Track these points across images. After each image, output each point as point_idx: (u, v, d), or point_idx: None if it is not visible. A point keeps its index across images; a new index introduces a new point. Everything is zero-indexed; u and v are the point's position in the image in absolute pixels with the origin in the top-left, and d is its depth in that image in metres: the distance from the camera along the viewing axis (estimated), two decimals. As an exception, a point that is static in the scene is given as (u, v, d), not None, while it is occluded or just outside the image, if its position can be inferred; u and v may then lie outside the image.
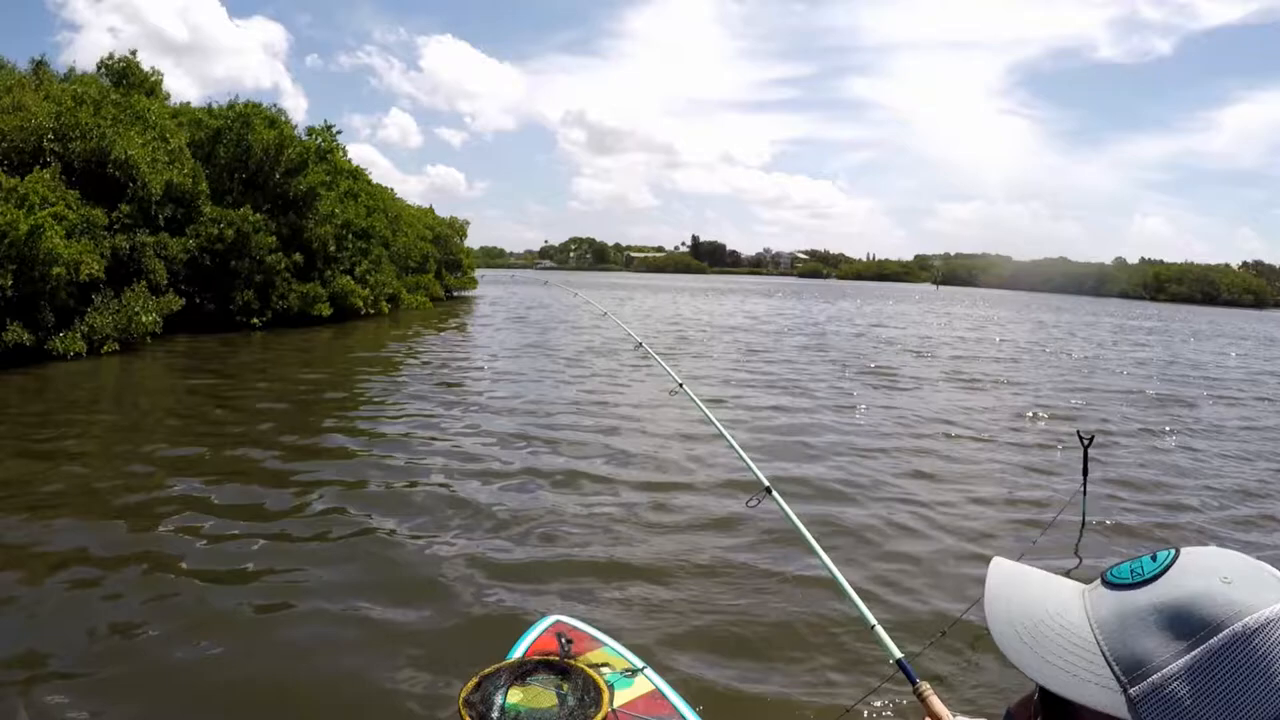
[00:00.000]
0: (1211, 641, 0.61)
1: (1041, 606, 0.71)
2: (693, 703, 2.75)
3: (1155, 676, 0.62)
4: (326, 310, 24.06)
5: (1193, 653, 0.61)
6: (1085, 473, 6.55)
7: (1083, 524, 6.62)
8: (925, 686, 1.73)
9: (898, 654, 2.09)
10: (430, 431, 9.68)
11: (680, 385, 4.94)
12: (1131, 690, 0.62)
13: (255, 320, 21.71)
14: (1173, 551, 0.69)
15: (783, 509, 2.96)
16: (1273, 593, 0.63)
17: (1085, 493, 6.67)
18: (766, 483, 3.13)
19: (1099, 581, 0.72)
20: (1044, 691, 0.70)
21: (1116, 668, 0.64)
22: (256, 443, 8.83)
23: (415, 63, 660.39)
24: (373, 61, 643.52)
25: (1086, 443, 6.39)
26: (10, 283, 13.62)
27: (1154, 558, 0.69)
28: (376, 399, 12.00)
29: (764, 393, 13.32)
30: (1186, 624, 0.62)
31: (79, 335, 14.99)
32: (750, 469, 3.29)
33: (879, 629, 2.25)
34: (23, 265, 13.89)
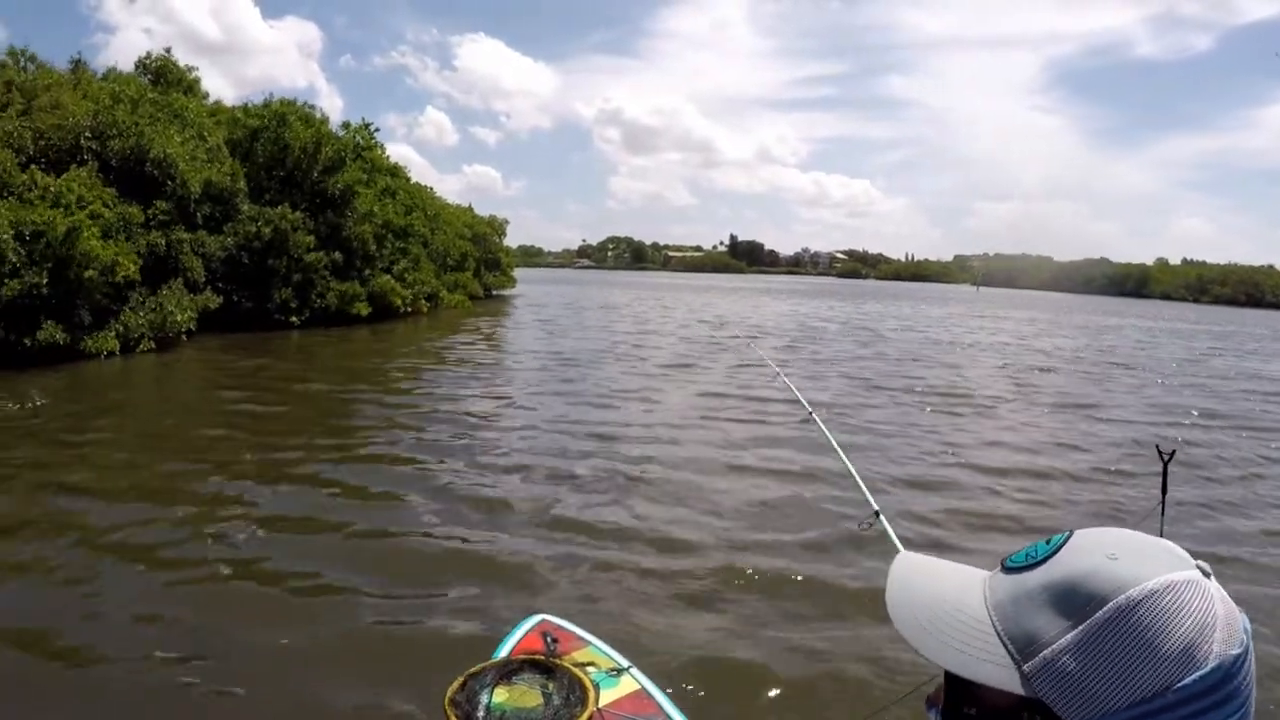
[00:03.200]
0: (1097, 615, 0.63)
1: (941, 594, 0.72)
2: (678, 702, 2.70)
3: (1046, 652, 0.64)
4: (365, 309, 23.81)
5: (1080, 627, 0.63)
6: (1164, 491, 6.10)
7: None
8: None
9: None
10: (441, 429, 9.49)
11: (810, 414, 4.39)
12: (1025, 666, 0.64)
13: (293, 319, 21.49)
14: (1068, 533, 0.71)
15: (890, 534, 2.99)
16: (1157, 566, 0.65)
17: (1164, 514, 6.13)
18: (876, 506, 3.16)
19: (999, 567, 0.73)
20: (949, 675, 0.71)
21: (1010, 646, 0.65)
22: (263, 449, 8.60)
23: (450, 62, 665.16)
24: (407, 61, 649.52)
25: (1166, 458, 5.95)
26: (45, 281, 13.44)
27: (1048, 540, 0.71)
28: (401, 403, 11.52)
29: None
30: (1073, 600, 0.64)
31: (113, 334, 14.79)
32: (865, 495, 3.30)
33: None
34: (59, 265, 13.70)
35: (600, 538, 6.05)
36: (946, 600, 0.71)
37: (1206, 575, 0.66)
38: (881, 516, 3.12)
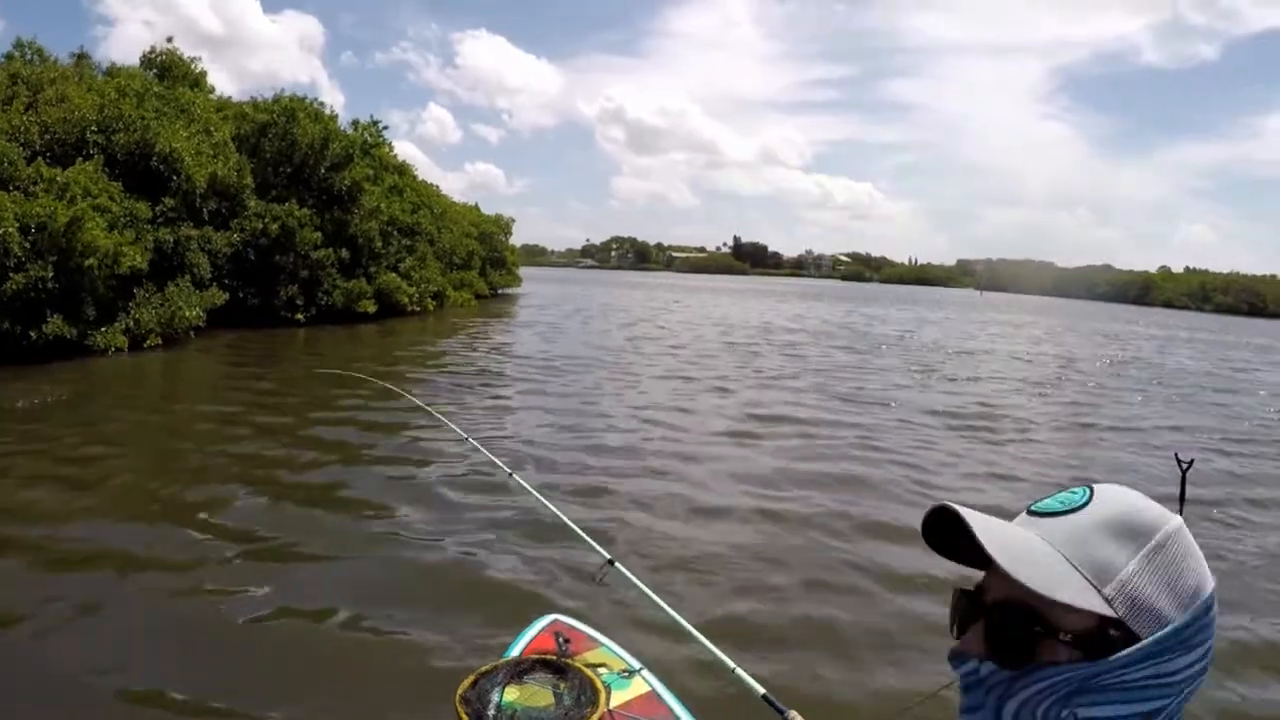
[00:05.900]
0: (1154, 540, 0.75)
1: (1015, 532, 0.79)
2: (689, 704, 2.72)
3: (1121, 574, 0.73)
4: (371, 307, 23.61)
5: (1141, 552, 0.74)
6: (1182, 499, 6.02)
7: None
8: (794, 714, 1.85)
9: (760, 690, 2.21)
10: (439, 430, 9.10)
11: (510, 474, 4.31)
12: (1105, 590, 0.73)
13: (299, 316, 21.30)
14: (1087, 488, 0.81)
15: (630, 579, 3.07)
16: (1165, 512, 0.78)
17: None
18: (608, 556, 3.24)
19: (1025, 514, 0.82)
20: (1000, 623, 0.76)
21: (1086, 573, 0.74)
22: (263, 457, 8.34)
23: (451, 59, 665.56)
24: (409, 57, 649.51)
25: (1185, 467, 5.88)
26: (50, 274, 13.25)
27: (1075, 492, 0.81)
28: (402, 406, 11.07)
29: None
30: (1131, 533, 0.75)
31: (120, 330, 14.61)
32: (591, 545, 3.38)
33: (739, 671, 2.40)
34: (62, 257, 13.50)
35: (611, 539, 5.95)
36: (1019, 538, 0.77)
37: None
38: (617, 563, 3.19)
